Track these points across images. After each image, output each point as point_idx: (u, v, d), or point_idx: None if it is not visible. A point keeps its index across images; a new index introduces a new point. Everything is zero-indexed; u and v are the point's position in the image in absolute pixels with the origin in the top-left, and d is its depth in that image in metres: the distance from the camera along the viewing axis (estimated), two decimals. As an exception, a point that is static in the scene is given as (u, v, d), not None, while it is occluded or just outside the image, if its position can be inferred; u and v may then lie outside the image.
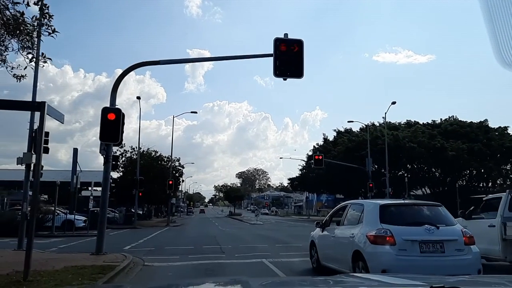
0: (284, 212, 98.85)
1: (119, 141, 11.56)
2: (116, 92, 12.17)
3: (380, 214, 6.79)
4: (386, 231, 6.44)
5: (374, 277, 2.83)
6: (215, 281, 3.33)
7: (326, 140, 55.04)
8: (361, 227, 6.98)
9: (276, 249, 14.36)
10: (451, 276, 2.62)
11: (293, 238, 20.24)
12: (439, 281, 1.95)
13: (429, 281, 2.03)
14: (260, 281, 2.77)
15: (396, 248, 6.30)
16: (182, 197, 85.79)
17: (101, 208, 12.17)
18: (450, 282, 1.97)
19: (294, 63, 11.94)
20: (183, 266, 10.31)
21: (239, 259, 11.62)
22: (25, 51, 7.00)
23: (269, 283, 2.77)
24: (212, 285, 2.74)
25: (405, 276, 2.65)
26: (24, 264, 6.79)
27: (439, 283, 1.85)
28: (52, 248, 15.08)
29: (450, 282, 2.02)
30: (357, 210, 7.60)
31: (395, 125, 49.45)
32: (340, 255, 7.54)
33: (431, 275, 3.07)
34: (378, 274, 3.82)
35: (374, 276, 2.92)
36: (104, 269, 8.29)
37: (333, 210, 9.30)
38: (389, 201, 7.53)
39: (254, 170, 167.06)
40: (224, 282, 2.88)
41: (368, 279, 2.73)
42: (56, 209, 24.97)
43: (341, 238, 7.63)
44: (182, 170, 47.32)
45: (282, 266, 10.08)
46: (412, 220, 6.88)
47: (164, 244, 17.21)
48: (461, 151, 42.10)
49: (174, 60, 13.01)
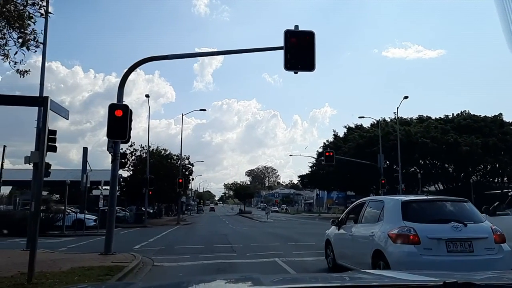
0: (294, 209, 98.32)
1: (127, 138, 11.29)
2: (123, 88, 11.88)
3: (402, 211, 6.34)
4: (409, 229, 6.00)
5: (386, 273, 2.75)
6: (226, 278, 3.23)
7: (336, 137, 54.39)
8: (381, 225, 6.55)
9: (289, 248, 13.99)
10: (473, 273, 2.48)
11: (305, 236, 19.83)
12: (453, 277, 1.86)
13: (443, 277, 1.93)
14: (271, 277, 2.67)
15: (420, 247, 5.86)
16: (192, 195, 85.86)
17: (109, 207, 11.92)
18: (464, 278, 1.89)
19: (305, 56, 11.53)
20: (194, 266, 10.00)
21: (251, 259, 11.27)
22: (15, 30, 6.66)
23: (281, 279, 2.74)
24: (223, 282, 2.65)
25: (419, 272, 2.59)
26: (28, 266, 6.52)
27: (452, 279, 1.79)
28: (62, 248, 14.91)
29: (465, 278, 1.94)
30: (377, 207, 7.16)
31: (406, 121, 48.62)
32: (358, 255, 7.13)
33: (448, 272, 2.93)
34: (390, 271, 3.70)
35: (386, 272, 2.82)
36: (112, 270, 8.00)
37: (350, 207, 8.86)
38: (411, 197, 7.07)
39: (264, 168, 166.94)
40: (235, 279, 2.82)
41: (380, 275, 2.65)
42: (67, 208, 24.91)
43: (360, 236, 7.21)
44: (192, 168, 47.26)
45: (296, 266, 9.72)
46: (437, 217, 6.43)
47: (174, 243, 16.95)
48: (475, 146, 41.24)
49: (182, 54, 12.67)
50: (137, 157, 39.41)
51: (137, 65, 11.94)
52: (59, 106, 7.27)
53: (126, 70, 11.78)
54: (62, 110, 7.36)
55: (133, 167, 39.09)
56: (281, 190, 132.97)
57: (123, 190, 40.22)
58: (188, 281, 3.00)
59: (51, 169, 13.88)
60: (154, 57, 12.24)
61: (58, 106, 7.24)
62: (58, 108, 7.14)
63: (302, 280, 2.83)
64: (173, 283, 2.89)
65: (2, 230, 19.67)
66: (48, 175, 13.78)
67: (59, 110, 7.18)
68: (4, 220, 21.44)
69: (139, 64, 11.97)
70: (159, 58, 12.28)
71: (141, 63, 11.99)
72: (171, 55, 12.27)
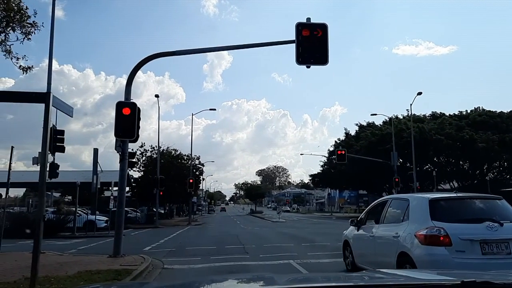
0: (305, 209, 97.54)
1: (135, 137, 10.94)
2: (130, 86, 11.57)
3: (431, 209, 5.82)
4: (439, 229, 5.49)
5: (401, 273, 2.67)
6: (238, 277, 3.14)
7: (348, 135, 53.61)
8: (407, 225, 6.04)
9: (303, 249, 13.51)
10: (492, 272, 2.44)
11: (319, 236, 19.31)
12: (471, 277, 1.83)
13: (461, 276, 1.88)
14: (285, 277, 2.64)
15: (452, 249, 5.35)
16: (203, 195, 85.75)
17: (117, 207, 11.59)
18: (483, 277, 1.86)
19: (318, 49, 11.03)
20: (205, 269, 9.60)
21: (264, 261, 10.84)
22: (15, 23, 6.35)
23: (295, 279, 2.74)
24: (235, 281, 2.59)
25: (435, 271, 2.57)
26: (31, 271, 6.18)
27: (471, 278, 1.78)
28: (72, 250, 14.66)
29: (483, 277, 1.91)
30: (401, 206, 6.64)
31: (420, 117, 47.63)
32: (381, 257, 6.62)
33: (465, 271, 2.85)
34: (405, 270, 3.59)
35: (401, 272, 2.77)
36: (120, 274, 7.64)
37: (370, 206, 8.35)
38: (438, 194, 6.52)
39: (274, 167, 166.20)
40: (247, 279, 2.74)
41: (394, 275, 2.60)
42: (78, 209, 24.77)
43: (382, 237, 6.71)
44: (202, 168, 46.99)
45: (312, 268, 9.26)
46: (469, 216, 5.91)
47: (185, 244, 16.60)
48: (492, 143, 40.22)
49: (190, 50, 12.28)
50: (147, 158, 39.31)
51: (145, 61, 11.58)
52: (62, 103, 6.93)
53: (134, 66, 11.46)
54: (66, 107, 7.02)
55: (144, 168, 38.99)
56: (292, 190, 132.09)
57: (134, 191, 40.17)
58: (200, 280, 2.99)
59: (62, 170, 13.62)
60: (162, 53, 11.87)
61: (62, 102, 6.90)
62: (61, 105, 6.80)
63: (316, 279, 2.83)
64: (186, 283, 2.82)
65: (25, 230, 19.39)
66: (56, 175, 13.50)
67: (63, 107, 6.84)
68: (18, 222, 21.31)
69: (146, 60, 11.61)
70: (167, 54, 11.92)
71: (149, 59, 11.64)
72: (179, 51, 11.92)
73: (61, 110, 6.83)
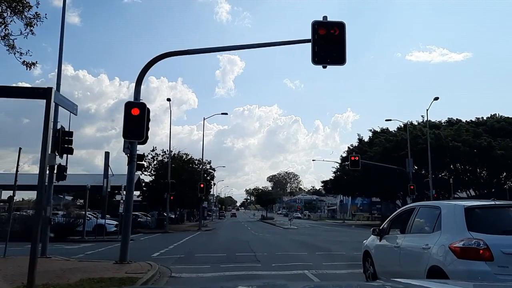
0: (317, 216, 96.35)
1: (144, 138, 10.53)
2: (140, 85, 11.18)
3: (467, 218, 5.20)
4: (478, 242, 4.87)
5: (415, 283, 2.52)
6: (248, 284, 2.97)
7: (361, 141, 52.68)
8: (439, 236, 5.42)
9: (318, 258, 12.89)
10: None
11: (333, 244, 18.61)
12: None
13: None
14: (299, 284, 2.62)
15: (494, 264, 4.72)
16: (214, 200, 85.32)
17: (124, 212, 11.14)
18: None
19: (335, 49, 10.54)
20: (214, 278, 9.06)
21: (277, 270, 10.25)
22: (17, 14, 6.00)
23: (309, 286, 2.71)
24: None
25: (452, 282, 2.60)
26: (27, 279, 5.74)
27: None
28: (79, 255, 14.27)
29: None
30: (430, 214, 6.01)
31: (435, 124, 46.55)
32: (408, 271, 5.99)
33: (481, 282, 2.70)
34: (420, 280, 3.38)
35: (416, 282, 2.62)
36: (124, 283, 7.17)
37: (394, 214, 7.71)
38: (473, 202, 5.88)
39: (285, 173, 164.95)
40: (257, 286, 2.67)
41: (408, 284, 2.46)
42: (88, 213, 24.49)
43: (409, 249, 6.10)
44: (213, 173, 46.59)
45: (329, 280, 8.65)
46: (510, 226, 5.28)
47: (194, 250, 16.10)
48: (511, 150, 38.97)
49: (201, 49, 11.87)
50: (159, 162, 39.09)
51: (156, 60, 11.19)
52: (65, 100, 6.53)
53: (145, 65, 11.07)
54: (69, 104, 6.62)
55: (155, 172, 38.76)
56: (303, 196, 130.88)
57: (145, 195, 39.95)
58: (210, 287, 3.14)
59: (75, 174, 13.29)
60: (173, 52, 11.48)
61: (65, 99, 6.51)
62: (63, 101, 6.40)
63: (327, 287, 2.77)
64: None
65: None
66: (64, 178, 13.19)
67: (65, 104, 6.44)
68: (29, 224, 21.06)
69: (157, 59, 11.21)
70: (178, 53, 11.52)
71: (160, 58, 11.24)
72: (191, 50, 11.53)
73: (63, 107, 6.43)
